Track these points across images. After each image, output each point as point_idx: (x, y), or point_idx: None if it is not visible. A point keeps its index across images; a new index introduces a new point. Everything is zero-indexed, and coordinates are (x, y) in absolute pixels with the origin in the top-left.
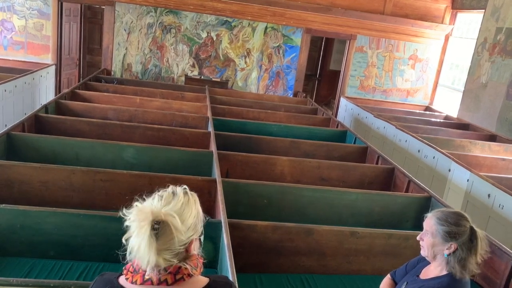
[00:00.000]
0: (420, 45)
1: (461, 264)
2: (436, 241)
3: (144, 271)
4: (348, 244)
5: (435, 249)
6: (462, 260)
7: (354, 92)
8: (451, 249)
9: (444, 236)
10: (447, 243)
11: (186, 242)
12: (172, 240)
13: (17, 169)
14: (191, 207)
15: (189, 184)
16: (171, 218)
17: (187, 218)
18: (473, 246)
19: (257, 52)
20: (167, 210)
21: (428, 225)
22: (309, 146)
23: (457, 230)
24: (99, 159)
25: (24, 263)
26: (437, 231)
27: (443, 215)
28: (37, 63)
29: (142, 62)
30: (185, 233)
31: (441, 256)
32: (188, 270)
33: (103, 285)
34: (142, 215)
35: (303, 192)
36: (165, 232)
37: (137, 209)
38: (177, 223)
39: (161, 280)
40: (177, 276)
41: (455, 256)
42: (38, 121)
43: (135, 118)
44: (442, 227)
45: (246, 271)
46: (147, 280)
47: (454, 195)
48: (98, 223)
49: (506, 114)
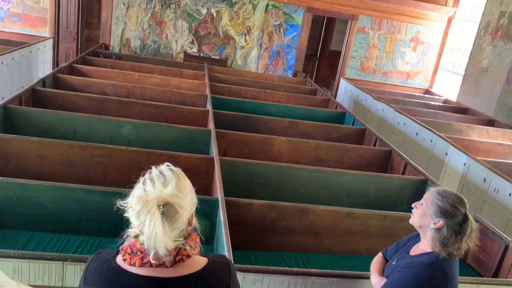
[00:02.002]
0: (422, 27)
1: (443, 243)
2: (427, 212)
3: (142, 254)
4: (343, 224)
5: (423, 220)
6: (444, 239)
7: (354, 74)
8: (437, 224)
9: (435, 210)
10: (436, 218)
11: (189, 216)
12: (178, 218)
13: (14, 142)
14: (183, 182)
15: (187, 162)
16: (176, 198)
17: (186, 193)
18: (461, 231)
19: (258, 30)
20: (169, 191)
21: (427, 196)
22: (308, 126)
23: (450, 209)
24: (97, 134)
25: (22, 235)
26: (432, 203)
27: (443, 192)
28: (34, 36)
29: (141, 37)
30: (187, 209)
31: (426, 229)
32: (187, 251)
33: (100, 265)
34: (149, 203)
35: (300, 172)
36: (170, 213)
37: (139, 199)
38: (181, 202)
39: (160, 263)
40: (177, 258)
41: (439, 233)
42: (35, 95)
43: (133, 94)
44: (437, 201)
45: (242, 248)
46: (146, 262)
47: (450, 178)
48: (95, 198)
49: (505, 99)
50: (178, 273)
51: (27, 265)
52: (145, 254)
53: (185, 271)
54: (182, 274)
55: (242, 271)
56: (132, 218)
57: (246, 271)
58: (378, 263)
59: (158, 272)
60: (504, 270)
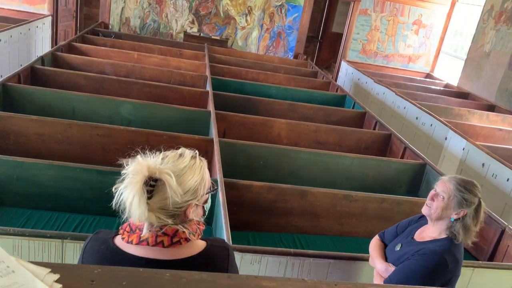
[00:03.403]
0: (425, 10)
1: (466, 230)
2: (450, 205)
3: (140, 231)
4: (341, 207)
5: (445, 212)
6: (467, 226)
7: (356, 56)
8: (460, 214)
9: (460, 202)
10: (460, 209)
11: (183, 206)
12: (166, 200)
13: (13, 120)
14: (194, 171)
15: (186, 143)
16: (166, 176)
17: (187, 181)
18: (477, 215)
19: (259, 10)
20: (164, 168)
21: (446, 188)
22: (307, 109)
23: (471, 198)
24: (96, 113)
25: (21, 213)
26: (454, 195)
27: (462, 182)
28: (33, 13)
29: (141, 16)
30: (182, 196)
31: (445, 220)
32: (185, 234)
33: (98, 245)
34: (138, 168)
35: (299, 154)
36: (160, 190)
37: (135, 162)
38: (172, 183)
39: (157, 242)
40: (174, 239)
41: (463, 222)
42: (34, 73)
43: (132, 74)
44: (460, 193)
45: (240, 229)
46: (143, 240)
47: (449, 163)
48: (94, 177)
49: (506, 85)
50: (176, 255)
51: (27, 242)
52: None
53: (183, 254)
54: (180, 256)
55: (240, 251)
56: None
57: (244, 252)
58: (379, 248)
59: (155, 253)
60: (499, 254)
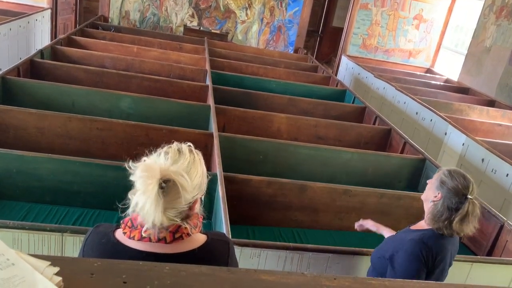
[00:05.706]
0: (426, 4)
1: (433, 216)
2: (432, 185)
3: (142, 227)
4: (340, 202)
5: (428, 193)
6: (437, 213)
7: (356, 51)
8: (437, 197)
9: (437, 184)
10: (437, 190)
11: (191, 201)
12: (178, 199)
13: (12, 113)
14: (197, 166)
15: (186, 137)
16: (180, 177)
17: (194, 177)
18: (455, 209)
19: (259, 4)
20: (176, 168)
21: (437, 172)
22: (307, 104)
23: (451, 185)
24: (96, 107)
25: (21, 207)
26: (439, 176)
27: (454, 171)
28: (32, 6)
29: (140, 10)
30: (191, 192)
31: (428, 203)
32: (187, 229)
33: (98, 238)
34: (151, 173)
35: (299, 149)
36: (171, 191)
37: (145, 166)
38: (185, 183)
39: (159, 238)
40: (176, 235)
41: (435, 206)
42: (34, 66)
43: (132, 68)
44: (442, 176)
45: (240, 223)
46: (145, 237)
47: (449, 158)
48: (94, 171)
49: (507, 80)
50: (176, 249)
51: (27, 235)
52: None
53: (183, 247)
54: (180, 250)
55: (239, 245)
56: (135, 182)
57: (243, 246)
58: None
59: (156, 248)
60: (498, 249)
